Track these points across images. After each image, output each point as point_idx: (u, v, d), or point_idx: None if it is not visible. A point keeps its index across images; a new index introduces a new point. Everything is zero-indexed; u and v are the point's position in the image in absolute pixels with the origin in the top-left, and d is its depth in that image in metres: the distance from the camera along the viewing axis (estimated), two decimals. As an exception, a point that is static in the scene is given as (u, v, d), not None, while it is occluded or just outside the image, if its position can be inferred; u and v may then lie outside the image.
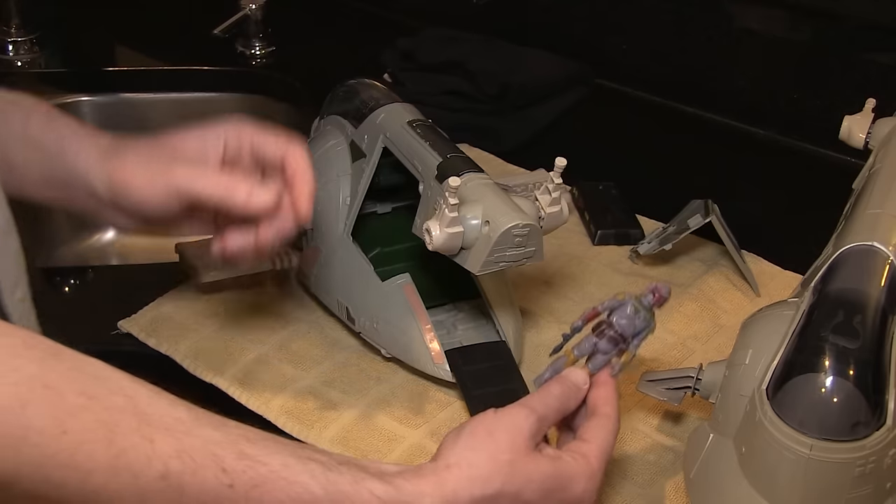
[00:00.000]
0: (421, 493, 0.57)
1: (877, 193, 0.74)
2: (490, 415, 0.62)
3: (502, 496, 0.59)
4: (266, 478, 0.52)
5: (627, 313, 0.68)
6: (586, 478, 0.63)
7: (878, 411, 0.61)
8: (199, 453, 0.51)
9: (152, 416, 0.50)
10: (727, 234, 0.94)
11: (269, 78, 1.31)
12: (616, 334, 0.68)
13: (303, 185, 0.74)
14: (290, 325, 0.89)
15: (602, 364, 0.68)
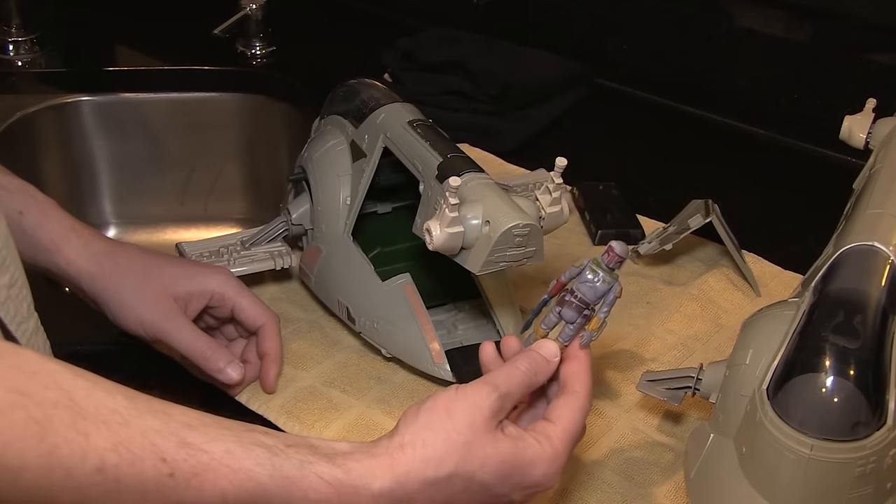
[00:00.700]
0: (371, 476, 0.56)
1: (877, 193, 0.74)
2: (451, 391, 0.60)
3: (456, 477, 0.58)
4: (208, 466, 0.52)
5: (587, 278, 0.66)
6: (548, 461, 0.61)
7: (878, 411, 0.61)
8: (137, 444, 0.50)
9: (88, 409, 0.50)
10: (727, 234, 0.94)
11: (270, 78, 1.31)
12: (578, 301, 0.66)
13: (270, 367, 0.80)
14: (290, 324, 0.89)
15: (571, 334, 0.66)
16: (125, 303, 0.78)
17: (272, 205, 1.25)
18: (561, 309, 0.67)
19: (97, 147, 1.30)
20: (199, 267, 0.83)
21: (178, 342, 0.78)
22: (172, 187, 1.33)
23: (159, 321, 0.78)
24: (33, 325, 0.66)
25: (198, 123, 1.31)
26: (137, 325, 0.78)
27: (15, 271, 0.64)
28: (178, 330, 0.78)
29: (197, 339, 0.78)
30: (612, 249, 0.65)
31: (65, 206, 1.29)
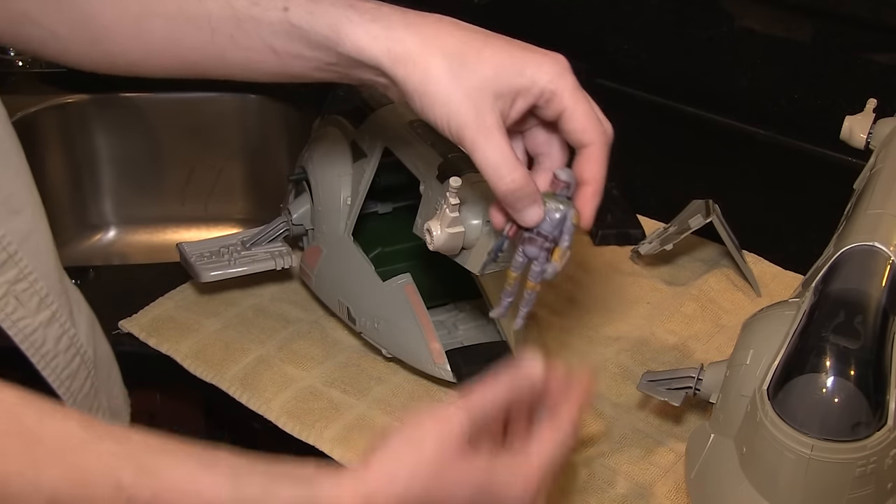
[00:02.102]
0: (339, 495, 0.54)
1: (878, 194, 0.74)
2: (423, 414, 0.57)
3: (427, 498, 0.55)
4: (167, 491, 0.50)
5: None
6: (522, 488, 0.58)
7: (878, 412, 0.61)
8: (93, 471, 0.49)
9: (42, 436, 0.48)
10: (728, 235, 0.94)
11: (270, 77, 1.31)
12: (536, 235, 0.65)
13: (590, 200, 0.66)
14: (290, 324, 0.89)
15: (540, 272, 0.66)
16: (432, 95, 0.63)
17: (273, 205, 1.24)
18: (524, 248, 0.66)
19: (97, 147, 1.30)
20: (527, 53, 0.66)
21: (481, 159, 0.63)
22: (173, 187, 1.33)
23: (468, 124, 0.63)
24: (44, 318, 0.65)
25: (198, 123, 1.30)
26: (444, 124, 0.64)
27: (27, 265, 0.64)
28: (486, 143, 0.63)
29: (504, 163, 0.63)
30: (555, 177, 0.65)
31: (65, 206, 1.30)
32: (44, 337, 0.66)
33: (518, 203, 0.64)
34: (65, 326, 0.67)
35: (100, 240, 1.32)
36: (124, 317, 0.89)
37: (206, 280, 0.89)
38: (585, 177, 0.66)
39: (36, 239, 0.66)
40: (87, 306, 0.73)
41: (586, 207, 0.65)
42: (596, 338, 0.89)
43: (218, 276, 0.89)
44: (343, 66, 0.66)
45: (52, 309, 0.66)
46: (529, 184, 0.64)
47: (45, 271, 0.66)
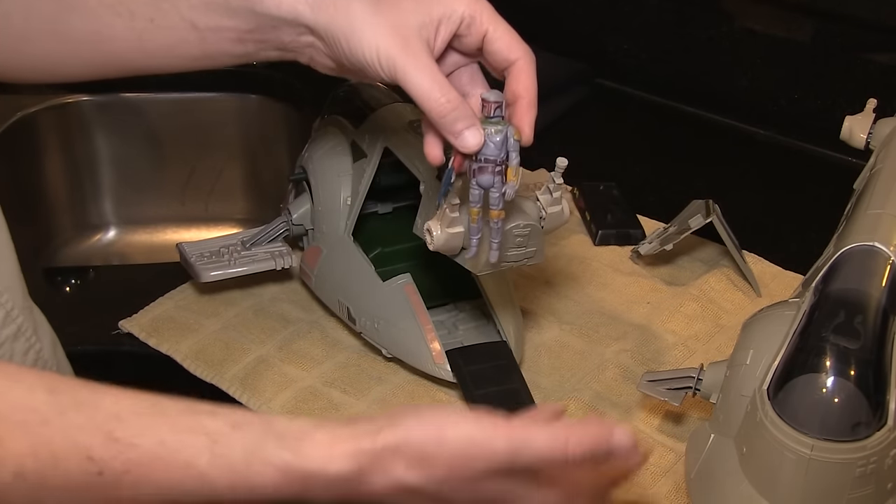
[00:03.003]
0: (330, 459, 0.51)
1: (878, 194, 0.74)
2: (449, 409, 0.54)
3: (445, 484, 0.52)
4: (139, 462, 0.48)
5: None
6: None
7: (878, 412, 0.61)
8: (59, 444, 0.47)
9: (3, 412, 0.47)
10: (728, 235, 0.94)
11: (270, 78, 1.31)
12: (483, 162, 0.65)
13: (525, 113, 0.66)
14: (290, 325, 0.89)
15: (500, 196, 0.65)
16: (359, 32, 0.63)
17: (273, 205, 1.25)
18: (476, 179, 0.65)
19: (97, 147, 1.30)
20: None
21: (414, 85, 0.63)
22: (173, 187, 1.33)
23: (398, 54, 0.63)
24: (10, 332, 0.64)
25: (198, 123, 1.30)
26: (374, 59, 0.63)
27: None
28: (417, 68, 0.63)
29: (436, 86, 0.63)
30: (484, 101, 0.65)
31: (65, 206, 1.30)
32: (11, 351, 0.65)
33: (456, 125, 0.64)
34: (31, 341, 0.67)
35: (100, 240, 1.32)
36: (124, 317, 0.89)
37: (206, 280, 0.89)
38: (518, 91, 0.66)
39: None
40: (48, 327, 0.72)
41: (523, 121, 0.65)
42: (596, 338, 0.89)
43: (218, 276, 0.89)
44: (263, 30, 0.67)
45: (17, 323, 0.65)
46: (465, 105, 0.64)
47: (7, 285, 0.65)
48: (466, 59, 0.69)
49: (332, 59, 0.68)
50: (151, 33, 0.67)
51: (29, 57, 0.69)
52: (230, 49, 0.68)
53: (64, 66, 0.70)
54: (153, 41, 0.67)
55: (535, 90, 0.66)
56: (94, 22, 0.67)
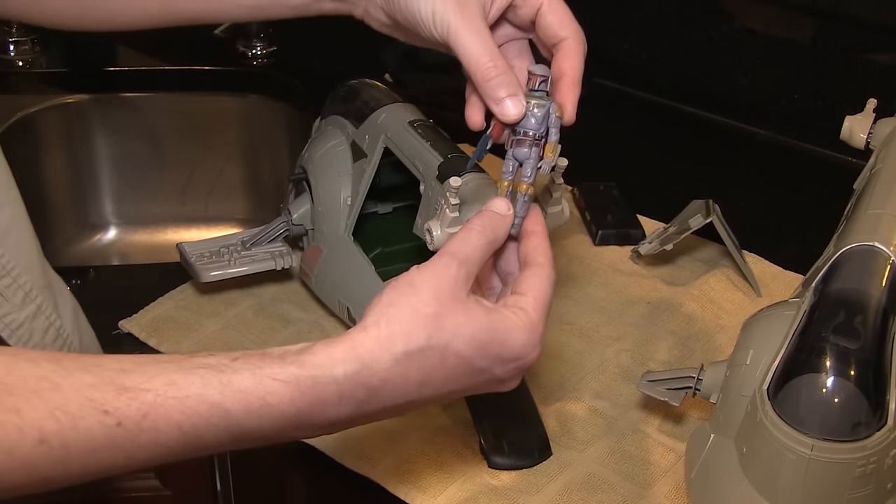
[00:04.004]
0: (331, 363, 0.52)
1: (878, 194, 0.74)
2: (412, 270, 0.57)
3: (428, 350, 0.55)
4: (154, 403, 0.49)
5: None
6: (526, 330, 0.58)
7: (879, 412, 0.61)
8: (74, 404, 0.48)
9: (13, 385, 0.47)
10: (728, 235, 0.94)
11: (271, 78, 1.31)
12: (522, 135, 0.64)
13: (569, 91, 0.65)
14: (291, 324, 0.89)
15: (533, 169, 0.64)
16: None
17: (273, 205, 1.25)
18: (513, 151, 0.65)
19: (98, 147, 1.30)
20: None
21: (464, 47, 0.64)
22: (173, 187, 1.33)
23: (453, 16, 0.63)
24: (30, 312, 0.65)
25: (198, 123, 1.31)
26: (429, 17, 0.64)
27: (9, 261, 0.64)
28: (469, 31, 0.63)
29: (486, 51, 0.63)
30: (531, 73, 0.64)
31: (66, 206, 1.30)
32: (30, 331, 0.66)
33: (499, 91, 0.63)
34: (50, 318, 0.67)
35: (100, 240, 1.32)
36: (124, 317, 0.89)
37: (207, 280, 0.89)
38: (564, 69, 0.66)
39: (17, 234, 0.66)
40: (70, 295, 0.73)
41: (567, 99, 0.65)
42: (596, 338, 0.89)
43: (218, 276, 0.89)
44: None
45: (36, 303, 0.66)
46: (511, 73, 0.64)
47: (27, 266, 0.65)
48: (518, 33, 0.69)
49: (386, 15, 0.68)
50: None
51: (83, 5, 0.70)
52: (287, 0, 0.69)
53: (119, 15, 0.72)
54: None
55: (582, 70, 0.66)
56: None
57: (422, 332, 0.54)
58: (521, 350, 0.58)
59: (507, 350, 0.58)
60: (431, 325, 0.55)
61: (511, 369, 0.59)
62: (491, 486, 0.75)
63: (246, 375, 0.51)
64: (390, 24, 0.68)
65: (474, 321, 0.56)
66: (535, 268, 0.61)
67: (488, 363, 0.58)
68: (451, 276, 0.56)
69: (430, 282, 0.56)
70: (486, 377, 0.59)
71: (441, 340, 0.55)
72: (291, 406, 0.52)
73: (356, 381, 0.53)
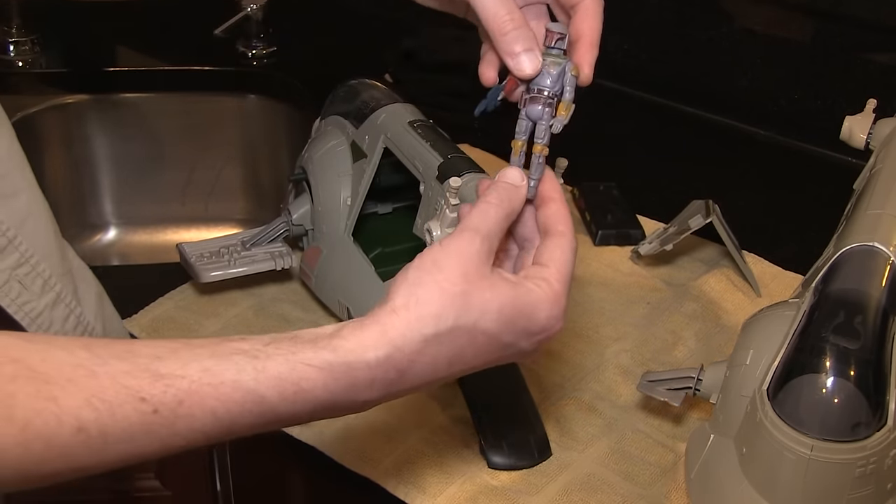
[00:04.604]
0: (363, 348, 0.53)
1: (878, 194, 0.74)
2: (435, 247, 0.57)
3: (458, 330, 0.55)
4: (189, 390, 0.49)
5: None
6: (550, 303, 0.58)
7: (878, 412, 0.61)
8: (110, 392, 0.48)
9: (49, 374, 0.47)
10: (728, 235, 0.94)
11: (271, 78, 1.31)
12: (536, 93, 0.63)
13: (586, 52, 0.65)
14: (290, 325, 0.89)
15: (545, 129, 0.64)
16: None
17: (273, 205, 1.25)
18: (526, 109, 0.64)
19: (98, 147, 1.30)
20: None
21: (483, 1, 0.63)
22: (173, 187, 1.33)
23: None
24: (49, 300, 0.65)
25: (198, 124, 1.31)
26: None
27: (27, 249, 0.64)
28: None
29: (503, 5, 0.63)
30: (548, 30, 0.63)
31: (66, 206, 1.30)
32: (50, 319, 0.66)
33: (515, 45, 0.62)
34: (70, 306, 0.67)
35: (100, 240, 1.32)
36: (124, 317, 0.89)
37: (207, 280, 0.89)
38: (582, 30, 0.65)
39: (34, 221, 0.65)
40: (95, 280, 0.72)
41: (584, 59, 0.65)
42: (596, 338, 0.89)
43: (218, 276, 0.89)
44: None
45: (55, 290, 0.66)
46: (528, 28, 0.63)
47: (46, 253, 0.65)
48: None
49: None
50: None
51: None
52: None
53: None
54: None
55: (600, 32, 0.65)
56: None
57: (451, 311, 0.54)
58: (546, 322, 0.58)
59: (533, 323, 0.58)
60: (459, 304, 0.55)
61: (536, 342, 0.59)
62: (491, 487, 0.75)
63: (280, 361, 0.51)
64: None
65: (501, 296, 0.56)
66: (557, 237, 0.61)
67: (514, 337, 0.58)
68: (474, 251, 0.56)
69: (454, 259, 0.56)
70: (512, 350, 0.59)
71: (470, 319, 0.55)
72: (325, 391, 0.52)
73: (388, 364, 0.53)
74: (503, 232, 0.60)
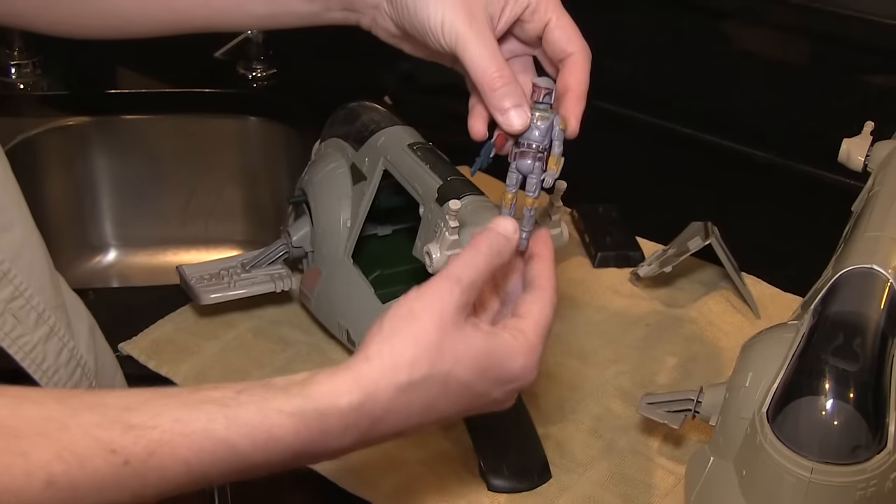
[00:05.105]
0: (336, 394, 0.53)
1: (876, 216, 0.74)
2: (412, 293, 0.57)
3: (431, 379, 0.55)
4: (160, 441, 0.49)
5: None
6: (525, 353, 0.58)
7: (878, 434, 0.61)
8: (81, 444, 0.47)
9: (19, 427, 0.47)
10: (727, 257, 0.94)
11: (271, 100, 1.32)
12: (526, 147, 0.64)
13: (573, 105, 0.65)
14: (290, 347, 0.89)
15: (535, 182, 0.64)
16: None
17: (272, 227, 1.25)
18: (516, 163, 0.64)
19: (98, 169, 1.30)
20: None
21: (472, 56, 0.64)
22: (173, 209, 1.33)
23: (462, 26, 0.64)
24: (43, 333, 0.65)
25: (199, 145, 1.31)
26: (437, 27, 0.64)
27: (22, 282, 0.64)
28: (477, 42, 0.64)
29: (493, 61, 0.64)
30: (535, 85, 0.64)
31: (66, 228, 1.30)
32: (44, 353, 0.66)
33: (504, 101, 0.63)
34: (63, 339, 0.67)
35: (99, 262, 1.32)
36: (124, 339, 0.89)
37: (206, 302, 0.89)
38: (569, 84, 0.66)
39: (28, 254, 0.65)
40: (87, 313, 0.72)
41: (571, 112, 0.65)
42: (595, 360, 0.89)
43: (218, 298, 0.89)
44: None
45: (49, 324, 0.66)
46: (517, 84, 0.64)
47: (40, 286, 0.65)
48: (524, 48, 0.70)
49: (394, 24, 0.68)
50: None
51: (97, 15, 0.72)
52: (297, 8, 0.69)
53: (131, 24, 0.73)
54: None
55: (587, 85, 0.66)
56: None
57: (424, 361, 0.55)
58: (519, 372, 0.59)
59: (505, 372, 0.58)
60: (433, 354, 0.55)
61: (508, 391, 0.60)
62: (490, 509, 0.74)
63: (251, 409, 0.51)
64: (398, 33, 0.69)
65: (475, 346, 0.56)
66: (538, 291, 0.62)
67: (487, 386, 0.58)
68: (452, 302, 0.56)
69: (430, 309, 0.56)
70: (485, 400, 0.59)
71: (443, 368, 0.55)
72: (297, 438, 0.52)
73: (361, 411, 0.53)
74: (485, 282, 0.60)
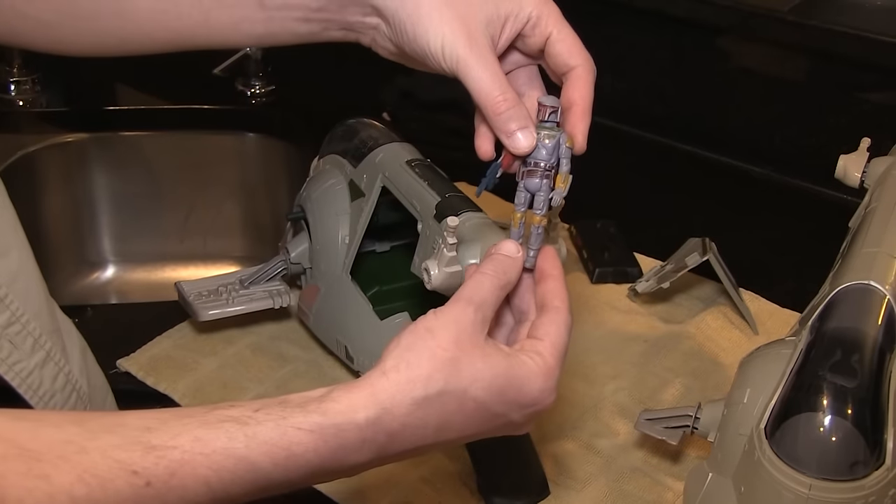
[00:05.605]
0: (353, 409, 0.53)
1: (873, 232, 0.74)
2: (429, 315, 0.57)
3: (447, 395, 0.55)
4: (181, 461, 0.49)
5: None
6: (543, 376, 0.58)
7: (876, 451, 0.61)
8: (102, 467, 0.47)
9: (40, 451, 0.47)
10: (725, 273, 0.94)
11: (269, 117, 1.32)
12: (533, 166, 0.64)
13: (578, 121, 0.65)
14: (288, 363, 0.89)
15: (543, 200, 0.64)
16: (426, 20, 0.63)
17: (271, 243, 1.25)
18: (524, 182, 0.64)
19: (97, 185, 1.30)
20: None
21: (474, 80, 0.63)
22: (171, 225, 1.33)
23: (462, 48, 0.63)
24: (39, 358, 0.65)
25: (197, 162, 1.31)
26: (438, 49, 0.64)
27: (18, 308, 0.64)
28: (479, 64, 0.63)
29: (496, 84, 0.63)
30: (540, 104, 0.64)
31: (64, 244, 1.30)
32: (40, 378, 0.66)
33: (510, 124, 0.63)
34: (59, 364, 0.67)
35: (98, 278, 1.32)
36: (122, 355, 0.89)
37: (205, 319, 0.89)
38: (574, 98, 0.65)
39: (24, 279, 0.65)
40: (78, 336, 0.72)
41: (577, 128, 0.65)
42: (593, 376, 0.89)
43: (216, 314, 0.89)
44: (330, 9, 0.67)
45: (45, 349, 0.66)
46: (521, 106, 0.64)
47: (36, 311, 0.65)
48: (527, 60, 0.69)
49: (394, 44, 0.68)
50: (218, 11, 0.68)
51: (96, 34, 0.72)
52: (295, 28, 0.69)
53: (130, 42, 0.73)
54: (219, 19, 0.69)
55: (591, 99, 0.66)
56: (162, 1, 0.69)
57: (440, 376, 0.55)
58: (539, 396, 0.58)
59: (524, 395, 0.58)
60: (450, 370, 0.55)
61: (527, 414, 0.59)
62: (489, 526, 0.74)
63: (270, 427, 0.51)
64: (398, 52, 0.69)
65: (493, 366, 0.56)
66: (552, 312, 0.62)
67: (505, 408, 0.58)
68: (468, 320, 0.56)
69: (448, 327, 0.56)
70: (502, 421, 0.59)
71: (460, 385, 0.55)
72: (316, 455, 0.52)
73: (378, 426, 0.53)
74: (498, 302, 0.60)
